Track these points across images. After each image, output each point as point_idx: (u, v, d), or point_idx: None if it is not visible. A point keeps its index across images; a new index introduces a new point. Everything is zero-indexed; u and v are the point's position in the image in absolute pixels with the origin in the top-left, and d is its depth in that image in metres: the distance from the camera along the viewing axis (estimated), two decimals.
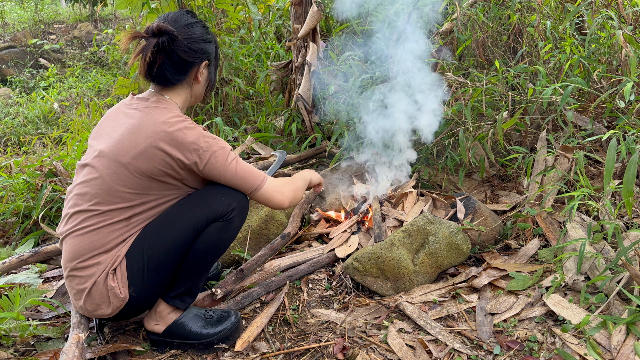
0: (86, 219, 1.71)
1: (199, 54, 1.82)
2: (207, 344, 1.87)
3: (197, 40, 1.80)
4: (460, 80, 2.85)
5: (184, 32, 1.77)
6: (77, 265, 1.70)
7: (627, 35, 2.47)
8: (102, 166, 1.72)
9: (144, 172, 1.70)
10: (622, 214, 2.26)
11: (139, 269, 1.73)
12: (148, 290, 1.77)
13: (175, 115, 1.75)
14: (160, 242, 1.75)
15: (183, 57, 1.77)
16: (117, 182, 1.70)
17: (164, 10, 4.51)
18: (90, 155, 1.79)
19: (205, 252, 1.82)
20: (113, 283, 1.71)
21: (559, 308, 1.86)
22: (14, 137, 6.46)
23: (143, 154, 1.69)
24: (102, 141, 1.78)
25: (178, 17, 1.79)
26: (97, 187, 1.71)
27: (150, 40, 1.71)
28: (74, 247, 1.71)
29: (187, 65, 1.81)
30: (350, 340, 1.89)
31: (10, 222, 3.19)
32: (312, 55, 3.55)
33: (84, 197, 1.73)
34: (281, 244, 2.58)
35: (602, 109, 2.64)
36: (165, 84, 1.82)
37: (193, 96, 1.92)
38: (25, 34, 9.96)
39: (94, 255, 1.70)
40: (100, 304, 1.72)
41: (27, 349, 1.88)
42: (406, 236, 2.27)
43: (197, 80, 1.87)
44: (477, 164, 2.81)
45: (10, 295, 1.91)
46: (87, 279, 1.70)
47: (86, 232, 1.70)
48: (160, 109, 1.77)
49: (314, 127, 3.65)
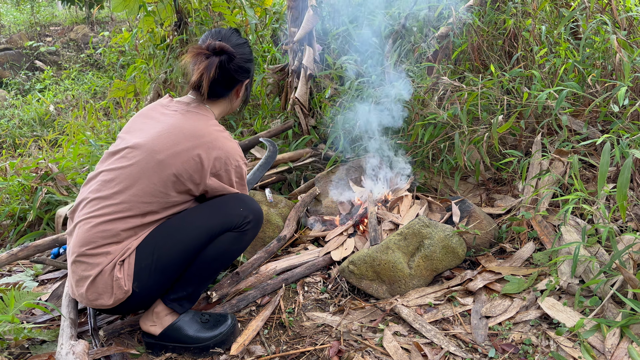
0: (104, 206, 1.72)
1: (245, 73, 1.95)
2: (203, 348, 1.87)
3: (247, 60, 1.93)
4: (456, 84, 2.86)
5: (238, 51, 1.89)
6: (87, 251, 1.70)
7: (621, 40, 2.49)
8: (135, 157, 1.75)
9: (174, 172, 1.74)
10: (616, 217, 2.27)
11: (147, 265, 1.74)
12: (151, 288, 1.77)
13: (214, 124, 1.87)
14: (172, 243, 1.77)
15: (234, 75, 1.90)
16: (146, 175, 1.73)
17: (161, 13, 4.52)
18: (124, 145, 1.81)
19: (214, 260, 1.84)
20: (119, 274, 1.71)
21: (553, 311, 1.87)
22: (9, 140, 6.44)
23: (181, 154, 1.74)
24: (138, 135, 1.82)
25: (231, 36, 1.92)
26: (125, 175, 1.73)
27: (213, 59, 1.81)
28: (86, 233, 1.71)
29: (234, 83, 1.94)
30: (346, 344, 1.89)
31: (5, 225, 3.18)
32: (308, 59, 3.55)
33: (109, 184, 1.74)
34: (277, 247, 2.58)
35: (597, 113, 2.66)
36: (212, 97, 1.92)
37: (230, 109, 2.05)
38: (21, 36, 9.94)
39: (106, 244, 1.70)
40: (102, 293, 1.71)
41: (22, 352, 1.87)
42: (402, 239, 2.28)
43: (238, 95, 2.01)
44: (472, 167, 2.82)
45: (5, 297, 1.91)
46: (94, 267, 1.70)
47: (101, 221, 1.70)
48: (201, 115, 1.87)
49: (310, 130, 3.66)
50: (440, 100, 2.99)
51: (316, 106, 3.66)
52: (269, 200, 2.86)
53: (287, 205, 2.92)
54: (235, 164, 1.86)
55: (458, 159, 2.71)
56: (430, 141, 2.94)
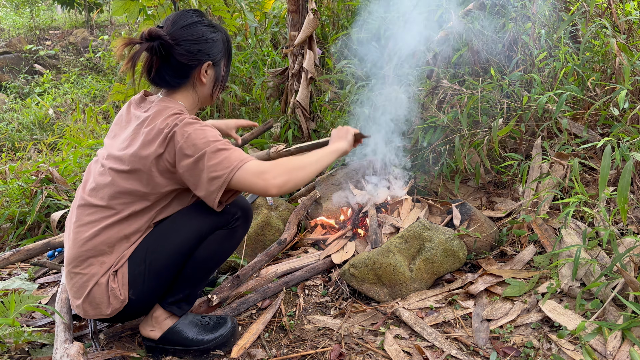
0: (92, 213, 1.70)
1: (198, 56, 1.75)
2: (203, 350, 1.86)
3: (196, 42, 1.73)
4: (456, 87, 2.87)
5: (181, 34, 1.71)
6: (80, 263, 1.68)
7: (620, 43, 2.50)
8: (109, 164, 1.72)
9: (145, 156, 1.64)
10: (616, 220, 2.27)
11: (140, 272, 1.72)
12: (147, 294, 1.76)
13: (178, 112, 1.70)
14: (163, 246, 1.74)
15: (180, 60, 1.72)
16: (124, 179, 1.68)
17: (161, 16, 4.52)
18: (102, 155, 1.79)
19: (207, 259, 1.82)
20: (114, 284, 1.69)
21: (554, 314, 1.87)
22: (8, 143, 6.44)
23: (146, 142, 1.65)
24: (112, 144, 1.79)
25: (178, 19, 1.74)
26: (106, 185, 1.70)
27: (142, 46, 1.67)
28: (78, 244, 1.69)
29: (187, 68, 1.75)
30: (347, 347, 1.89)
31: (5, 228, 3.17)
32: (309, 63, 3.56)
33: (94, 192, 1.72)
34: (277, 250, 2.58)
35: (597, 116, 2.66)
36: (167, 87, 1.79)
37: (200, 98, 1.86)
38: (21, 40, 9.95)
39: (98, 255, 1.69)
40: (99, 304, 1.70)
41: (22, 356, 1.86)
42: (402, 242, 2.28)
43: (201, 82, 1.80)
44: (472, 170, 2.83)
45: (5, 301, 1.90)
46: (90, 279, 1.68)
47: (94, 231, 1.68)
48: (166, 107, 1.72)
49: (311, 133, 3.66)
50: (440, 103, 3.00)
51: (316, 110, 3.67)
52: (270, 204, 2.86)
53: (288, 208, 2.92)
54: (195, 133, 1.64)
55: (458, 162, 2.71)
56: (431, 144, 2.94)
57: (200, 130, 1.64)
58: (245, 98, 4.45)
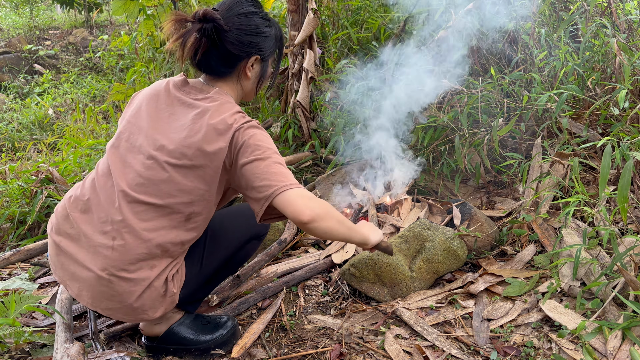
0: (142, 212, 1.58)
1: (248, 48, 1.65)
2: (204, 349, 1.86)
3: (249, 33, 1.63)
4: (456, 87, 2.87)
5: (235, 21, 1.61)
6: (128, 267, 1.57)
7: (620, 43, 2.50)
8: (164, 157, 1.58)
9: (211, 152, 1.56)
10: (617, 220, 2.27)
11: (195, 272, 1.78)
12: (192, 292, 1.82)
13: (242, 111, 1.64)
14: (217, 248, 1.82)
15: (229, 48, 1.61)
16: (183, 175, 1.58)
17: (161, 17, 4.52)
18: (148, 145, 1.62)
19: (236, 264, 1.97)
20: (174, 289, 1.66)
21: (555, 314, 1.87)
22: (8, 143, 6.43)
23: (213, 136, 1.56)
24: (159, 131, 1.63)
25: (234, 5, 1.64)
26: (162, 181, 1.59)
27: (194, 25, 1.56)
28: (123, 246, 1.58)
29: (234, 59, 1.65)
30: (347, 347, 1.89)
31: (5, 228, 3.17)
32: (309, 62, 3.56)
33: (145, 188, 1.59)
34: (278, 250, 2.58)
35: (597, 116, 2.66)
36: (211, 73, 1.70)
37: (243, 91, 1.77)
38: (20, 40, 9.95)
39: (149, 258, 1.60)
40: (148, 309, 1.63)
41: (22, 356, 1.86)
42: (403, 242, 2.28)
43: (246, 75, 1.71)
44: (472, 170, 2.83)
45: (6, 301, 1.90)
46: (138, 283, 1.58)
47: (151, 230, 1.59)
48: (227, 102, 1.64)
49: (311, 133, 3.66)
50: (440, 103, 3.00)
51: (316, 109, 3.66)
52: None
53: None
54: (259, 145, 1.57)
55: (458, 161, 2.71)
56: (431, 144, 2.94)
57: (267, 137, 1.60)
58: None
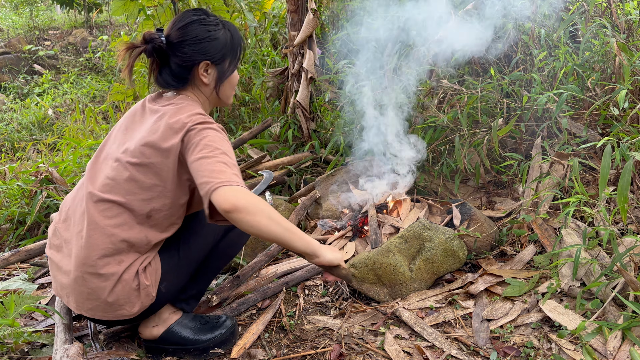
0: (106, 209, 1.63)
1: (193, 56, 1.71)
2: (203, 349, 1.86)
3: (190, 43, 1.69)
4: (456, 87, 2.87)
5: (175, 36, 1.69)
6: (93, 263, 1.61)
7: (620, 43, 2.49)
8: (126, 157, 1.65)
9: (166, 149, 1.61)
10: (617, 220, 2.27)
11: (174, 264, 1.76)
12: (177, 286, 1.80)
13: (203, 113, 1.68)
14: (195, 239, 1.80)
15: (175, 61, 1.71)
16: (142, 172, 1.63)
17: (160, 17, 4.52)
18: (115, 150, 1.72)
19: (224, 254, 1.93)
20: (147, 282, 1.67)
21: (555, 314, 1.86)
22: (7, 143, 6.43)
23: (168, 134, 1.62)
24: (127, 138, 1.73)
25: (177, 20, 1.72)
26: (124, 180, 1.65)
27: (138, 49, 1.67)
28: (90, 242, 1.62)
29: (183, 69, 1.72)
30: (347, 347, 1.89)
31: (5, 229, 3.17)
32: (309, 62, 3.56)
33: (109, 188, 1.65)
34: (277, 250, 2.57)
35: (597, 116, 2.66)
36: (169, 87, 1.76)
37: (207, 98, 1.82)
38: (20, 40, 9.94)
39: (115, 253, 1.62)
40: (124, 304, 1.65)
41: (21, 356, 1.86)
42: (402, 242, 2.28)
43: (202, 82, 1.76)
44: (472, 170, 2.82)
45: (5, 301, 1.90)
46: (108, 278, 1.61)
47: (114, 227, 1.62)
48: (188, 105, 1.71)
49: (311, 134, 3.66)
50: (440, 103, 3.00)
51: (316, 110, 3.66)
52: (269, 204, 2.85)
53: (288, 208, 2.91)
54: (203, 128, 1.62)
55: (458, 162, 2.71)
56: (430, 144, 2.94)
57: (221, 139, 1.61)
58: (244, 98, 4.45)
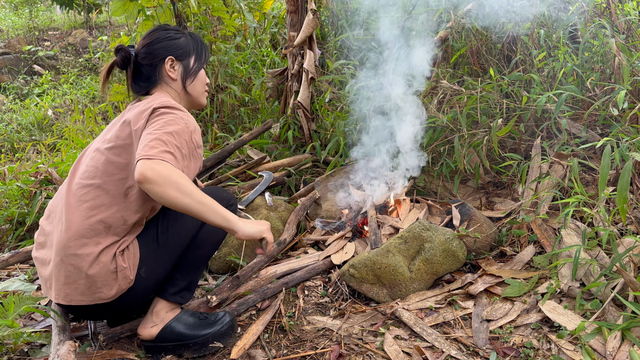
0: (85, 194, 1.68)
1: (157, 53, 1.85)
2: (202, 343, 1.86)
3: (153, 44, 1.86)
4: (455, 87, 2.87)
5: (141, 44, 1.87)
6: (71, 245, 1.63)
7: (619, 43, 2.50)
8: (103, 146, 1.74)
9: (136, 129, 1.68)
10: (616, 220, 2.27)
11: (153, 250, 1.75)
12: (158, 273, 1.79)
13: (168, 101, 1.74)
14: (176, 225, 1.80)
15: (142, 63, 1.85)
16: (117, 154, 1.70)
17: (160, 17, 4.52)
18: (97, 143, 1.81)
19: (207, 241, 1.89)
20: (124, 264, 1.67)
21: (554, 314, 1.86)
22: (7, 144, 6.43)
23: (138, 117, 1.70)
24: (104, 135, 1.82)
25: (145, 35, 1.90)
26: (100, 163, 1.71)
27: (111, 62, 1.86)
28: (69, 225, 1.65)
29: (151, 69, 1.86)
30: (347, 347, 1.89)
31: (4, 229, 3.17)
32: (309, 63, 3.56)
33: (87, 174, 1.72)
34: (277, 251, 2.58)
35: (596, 116, 2.66)
36: (144, 90, 1.89)
37: (179, 95, 1.92)
38: (20, 41, 9.94)
39: (92, 235, 1.64)
40: (101, 287, 1.65)
41: (21, 357, 1.86)
42: (402, 243, 2.28)
43: (170, 78, 1.88)
44: (472, 171, 2.83)
45: (5, 302, 1.90)
46: (84, 259, 1.62)
47: (91, 208, 1.66)
48: (163, 97, 1.81)
49: (312, 134, 3.66)
50: (439, 103, 3.00)
51: (317, 110, 3.66)
52: (269, 204, 2.85)
53: (287, 209, 2.91)
54: None
55: (458, 162, 2.71)
56: (430, 145, 2.94)
57: (177, 123, 1.64)
58: (244, 98, 4.45)
